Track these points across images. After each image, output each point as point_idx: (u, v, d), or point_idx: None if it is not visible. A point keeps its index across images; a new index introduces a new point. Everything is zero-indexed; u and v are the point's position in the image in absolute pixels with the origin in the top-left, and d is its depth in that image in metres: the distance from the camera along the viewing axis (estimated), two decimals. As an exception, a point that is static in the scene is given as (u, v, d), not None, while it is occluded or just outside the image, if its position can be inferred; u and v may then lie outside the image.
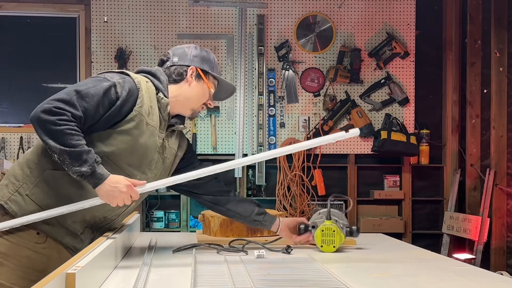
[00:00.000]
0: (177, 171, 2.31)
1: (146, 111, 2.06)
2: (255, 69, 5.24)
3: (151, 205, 5.18)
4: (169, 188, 2.36)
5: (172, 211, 5.22)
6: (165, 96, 2.15)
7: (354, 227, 2.39)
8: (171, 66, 2.24)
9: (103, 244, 1.79)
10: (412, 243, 3.62)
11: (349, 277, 1.75)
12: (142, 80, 2.10)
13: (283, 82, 5.27)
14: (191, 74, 2.23)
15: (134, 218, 2.56)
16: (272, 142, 5.25)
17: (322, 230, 2.31)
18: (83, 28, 5.16)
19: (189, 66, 2.24)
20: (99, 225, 2.15)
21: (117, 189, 1.91)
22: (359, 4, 5.33)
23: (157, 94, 2.14)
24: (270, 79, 5.24)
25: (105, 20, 5.10)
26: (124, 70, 2.12)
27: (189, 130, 5.16)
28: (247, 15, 5.27)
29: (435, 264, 2.11)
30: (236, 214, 2.39)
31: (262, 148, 5.21)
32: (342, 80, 5.26)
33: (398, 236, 4.65)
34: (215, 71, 2.30)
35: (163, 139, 2.17)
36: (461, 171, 5.28)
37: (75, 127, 1.88)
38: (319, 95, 5.31)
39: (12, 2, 5.13)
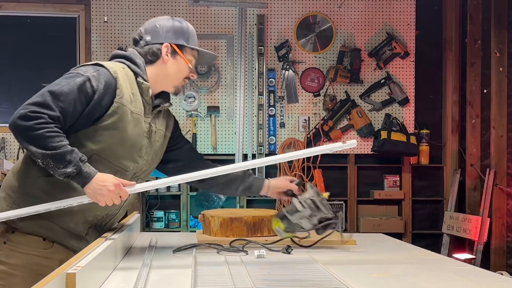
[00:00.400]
0: (166, 151, 2.28)
1: (128, 100, 2.00)
2: (255, 69, 5.24)
3: (151, 205, 5.19)
4: (159, 170, 2.33)
5: (172, 211, 5.22)
6: (144, 80, 2.09)
7: (319, 225, 2.24)
8: (144, 45, 2.14)
9: (103, 244, 1.79)
10: (412, 243, 3.62)
11: (349, 277, 1.75)
12: (118, 69, 2.02)
13: (283, 82, 5.27)
14: (166, 52, 2.14)
15: (134, 218, 2.56)
16: (272, 142, 5.25)
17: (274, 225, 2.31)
18: (83, 28, 5.16)
19: (162, 43, 2.14)
20: (103, 223, 2.14)
21: (105, 187, 1.87)
22: (359, 4, 5.33)
23: (136, 79, 2.07)
24: (270, 79, 5.25)
25: (105, 20, 5.10)
26: (99, 62, 2.04)
27: (189, 130, 5.16)
28: (247, 15, 5.27)
29: (435, 264, 2.11)
30: (221, 193, 2.39)
31: (262, 148, 5.21)
32: (342, 80, 5.26)
33: (398, 236, 4.66)
34: (192, 41, 2.19)
35: (150, 123, 2.12)
36: (461, 171, 5.28)
37: (55, 128, 1.84)
38: (319, 95, 5.31)
39: (12, 2, 5.13)
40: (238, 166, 2.16)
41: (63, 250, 2.01)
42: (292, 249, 2.27)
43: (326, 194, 2.31)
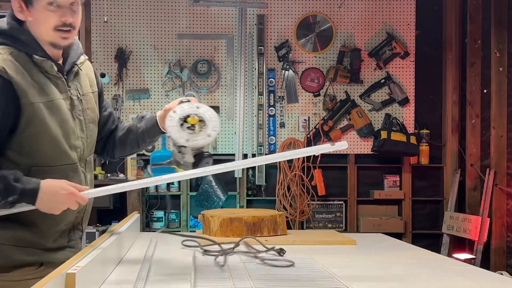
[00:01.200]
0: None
1: (34, 93, 1.72)
2: (255, 69, 5.24)
3: (151, 205, 5.18)
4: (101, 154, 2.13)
5: (172, 211, 5.22)
6: (42, 56, 1.76)
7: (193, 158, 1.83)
8: None
9: (103, 244, 1.79)
10: (412, 243, 3.62)
11: (349, 277, 1.75)
12: (3, 62, 1.69)
13: (283, 82, 5.27)
14: (18, 9, 1.73)
15: (134, 218, 2.56)
16: (272, 142, 5.25)
17: None
18: (83, 28, 5.15)
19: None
20: (77, 221, 1.99)
21: (57, 201, 1.71)
22: (359, 4, 5.33)
23: (31, 59, 1.75)
24: (270, 79, 5.25)
25: (105, 20, 5.10)
26: None
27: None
28: (247, 15, 5.27)
29: (435, 264, 2.11)
30: (125, 154, 2.15)
31: (262, 148, 5.21)
32: (342, 80, 5.26)
33: (398, 236, 4.66)
34: None
35: (70, 97, 1.83)
36: (461, 171, 5.28)
37: None
38: (319, 95, 5.31)
39: (12, 2, 5.13)
40: (233, 165, 2.14)
41: (51, 265, 1.81)
42: (285, 252, 2.21)
43: (196, 115, 1.80)
